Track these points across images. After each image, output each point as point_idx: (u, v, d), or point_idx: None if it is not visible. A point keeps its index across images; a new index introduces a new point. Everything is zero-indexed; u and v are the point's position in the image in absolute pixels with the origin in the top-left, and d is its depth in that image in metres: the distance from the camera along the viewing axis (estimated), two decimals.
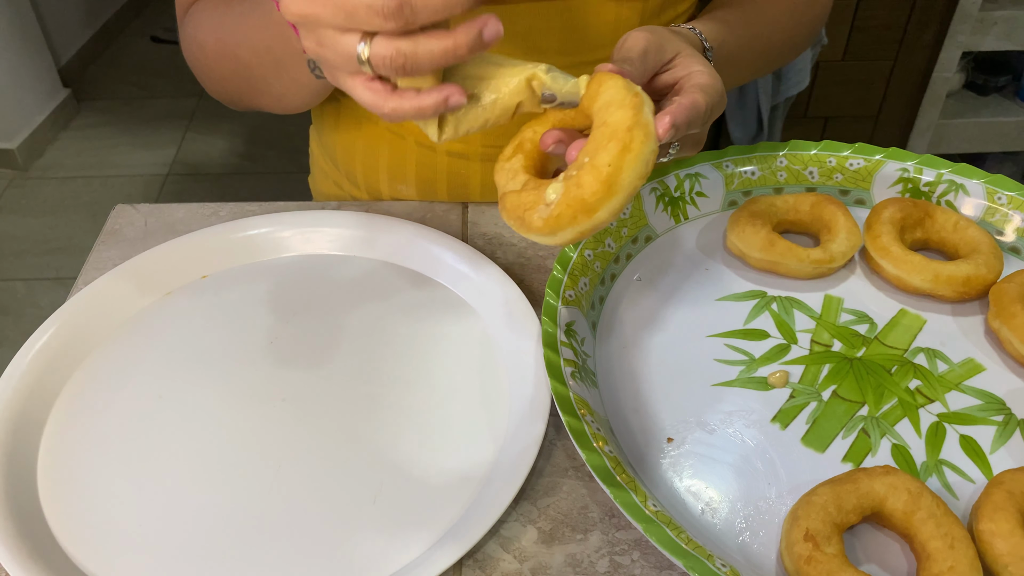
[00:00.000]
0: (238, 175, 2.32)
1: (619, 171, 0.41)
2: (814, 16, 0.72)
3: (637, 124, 0.42)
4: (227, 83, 0.65)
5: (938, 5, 1.60)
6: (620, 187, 0.42)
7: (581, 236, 0.44)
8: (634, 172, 0.42)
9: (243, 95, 0.65)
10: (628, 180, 0.42)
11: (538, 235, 0.44)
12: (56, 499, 0.49)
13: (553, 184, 0.43)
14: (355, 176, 0.76)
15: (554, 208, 0.42)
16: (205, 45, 0.63)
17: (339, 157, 0.76)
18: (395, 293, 0.62)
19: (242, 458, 0.51)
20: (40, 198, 2.21)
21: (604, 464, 0.45)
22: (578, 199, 0.42)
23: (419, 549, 0.46)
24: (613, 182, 0.41)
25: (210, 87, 0.67)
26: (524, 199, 0.44)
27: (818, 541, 0.42)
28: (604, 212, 0.42)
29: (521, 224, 0.44)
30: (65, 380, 0.56)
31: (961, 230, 0.61)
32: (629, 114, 0.42)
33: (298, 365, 0.56)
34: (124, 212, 0.70)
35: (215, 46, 0.62)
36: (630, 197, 0.43)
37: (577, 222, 0.42)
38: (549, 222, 0.43)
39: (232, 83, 0.65)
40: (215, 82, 0.66)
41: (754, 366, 0.55)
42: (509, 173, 0.47)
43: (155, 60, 2.83)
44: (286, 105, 0.64)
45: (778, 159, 0.67)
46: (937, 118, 1.81)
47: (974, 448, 0.50)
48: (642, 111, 0.42)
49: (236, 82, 0.64)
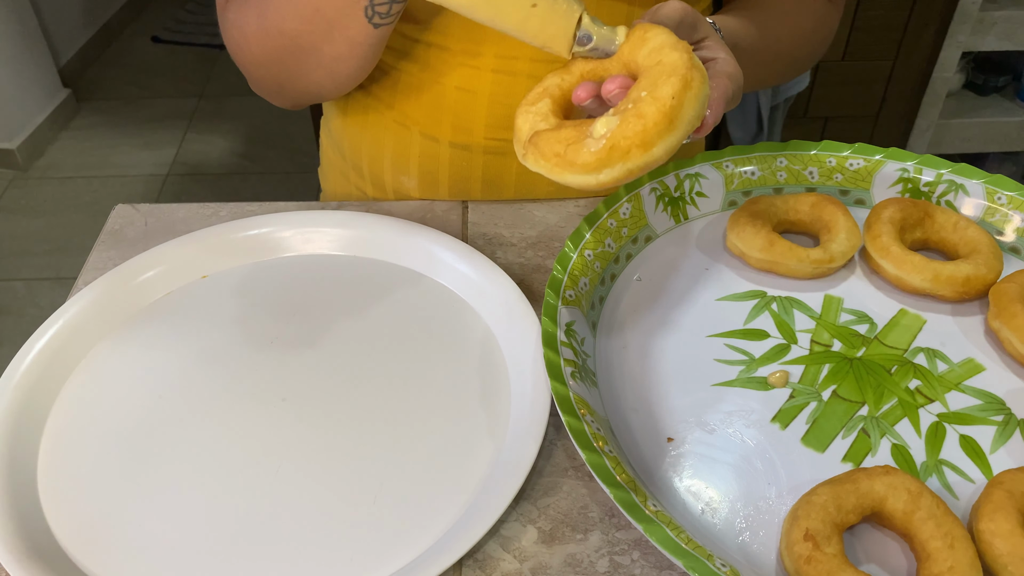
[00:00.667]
0: (238, 175, 2.32)
1: (681, 105, 0.40)
2: (818, 41, 0.73)
3: (695, 66, 0.41)
4: (272, 66, 0.63)
5: (938, 5, 1.60)
6: (680, 122, 0.40)
7: (629, 176, 0.41)
8: (693, 111, 0.40)
9: (291, 76, 0.64)
10: (688, 117, 0.40)
11: (580, 173, 0.42)
12: (56, 499, 0.49)
13: (603, 119, 0.41)
14: (361, 167, 0.76)
15: (609, 139, 0.40)
16: (246, 28, 0.62)
17: (346, 148, 0.77)
18: (395, 293, 0.62)
19: (242, 458, 0.51)
20: (40, 198, 2.21)
21: (604, 464, 0.45)
22: (639, 130, 0.40)
23: (419, 549, 0.46)
24: (675, 116, 0.40)
25: (253, 75, 0.66)
26: (564, 134, 0.42)
27: (818, 541, 0.42)
28: (661, 148, 0.40)
29: (561, 160, 0.42)
30: (65, 380, 0.56)
31: (961, 230, 0.61)
32: (686, 57, 0.41)
33: (298, 365, 0.56)
34: (124, 212, 0.70)
35: (257, 27, 0.61)
36: (684, 137, 0.41)
37: (630, 157, 0.40)
38: (600, 154, 0.41)
39: (277, 66, 0.63)
40: (258, 67, 0.64)
41: (754, 366, 0.55)
42: (537, 116, 0.45)
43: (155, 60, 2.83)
44: (339, 73, 0.62)
45: (778, 159, 0.67)
46: (937, 118, 1.81)
47: (974, 448, 0.50)
48: (695, 57, 0.41)
49: (283, 61, 0.62)
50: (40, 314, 1.81)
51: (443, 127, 0.69)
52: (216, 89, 2.67)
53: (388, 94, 0.70)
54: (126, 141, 2.43)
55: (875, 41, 1.64)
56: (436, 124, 0.69)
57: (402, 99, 0.70)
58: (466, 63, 0.66)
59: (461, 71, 0.66)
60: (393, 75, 0.70)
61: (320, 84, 0.64)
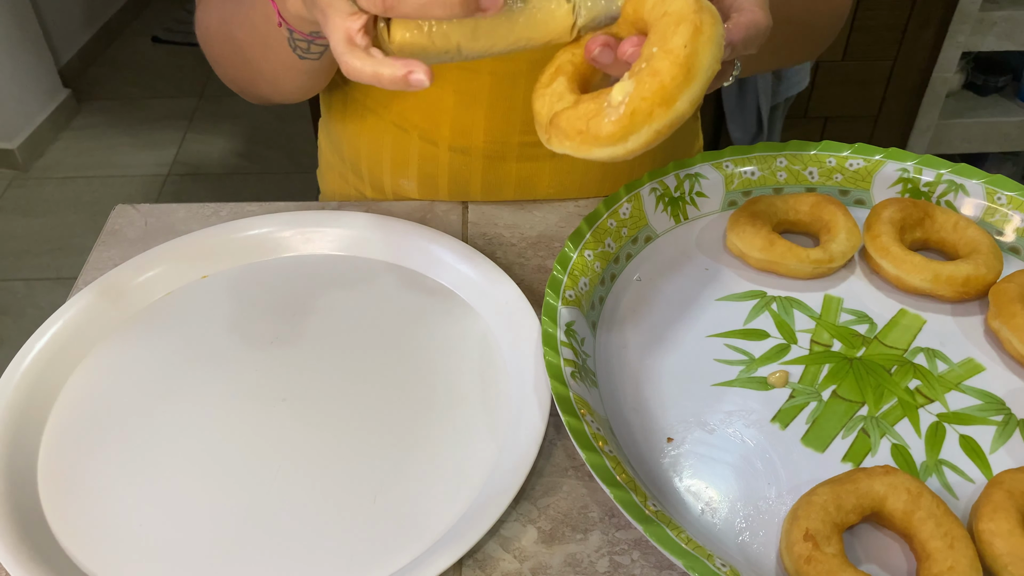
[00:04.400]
0: (238, 175, 2.32)
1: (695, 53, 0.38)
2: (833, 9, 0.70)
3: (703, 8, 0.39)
4: (228, 69, 0.64)
5: (938, 5, 1.60)
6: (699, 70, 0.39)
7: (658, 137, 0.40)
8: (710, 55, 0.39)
9: (243, 81, 0.65)
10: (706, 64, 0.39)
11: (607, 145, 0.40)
12: (56, 499, 0.49)
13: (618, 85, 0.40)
14: (360, 169, 0.76)
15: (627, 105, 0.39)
16: (210, 27, 0.63)
17: (345, 150, 0.77)
18: (395, 293, 0.62)
19: (242, 458, 0.51)
20: (40, 198, 2.21)
21: (604, 464, 0.45)
22: (656, 88, 0.38)
23: (419, 549, 0.46)
24: (692, 64, 0.38)
25: (219, 72, 0.67)
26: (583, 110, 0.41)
27: (818, 541, 0.42)
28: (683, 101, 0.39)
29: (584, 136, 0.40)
30: (65, 380, 0.56)
31: (961, 230, 0.61)
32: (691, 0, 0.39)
33: (298, 365, 0.56)
34: (124, 212, 0.70)
35: (218, 27, 0.62)
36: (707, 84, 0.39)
37: (654, 118, 0.39)
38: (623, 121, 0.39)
39: (232, 70, 0.64)
40: (220, 67, 0.66)
41: (754, 366, 0.55)
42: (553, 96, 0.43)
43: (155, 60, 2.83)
44: (282, 90, 0.63)
45: (778, 159, 0.67)
46: (937, 118, 1.81)
47: (974, 448, 0.50)
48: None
49: (236, 66, 0.63)
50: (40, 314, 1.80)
51: (442, 131, 0.69)
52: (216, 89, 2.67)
53: (386, 97, 0.70)
54: (126, 141, 2.43)
55: (875, 41, 1.64)
56: (435, 128, 0.69)
57: (400, 103, 0.70)
58: (464, 66, 0.66)
59: (459, 74, 0.66)
60: None
61: (268, 96, 0.65)
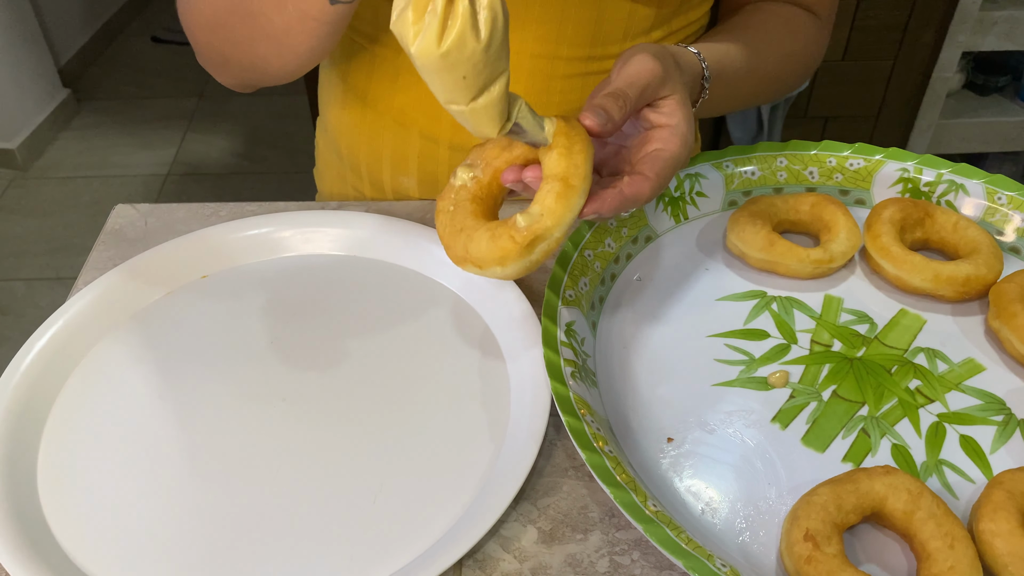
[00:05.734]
0: (238, 175, 2.32)
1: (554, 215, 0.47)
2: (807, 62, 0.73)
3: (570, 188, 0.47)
4: (219, 30, 0.58)
5: (938, 5, 1.60)
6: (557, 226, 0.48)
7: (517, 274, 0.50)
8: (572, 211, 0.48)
9: (236, 44, 0.59)
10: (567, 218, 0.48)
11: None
12: (56, 499, 0.49)
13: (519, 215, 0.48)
14: (359, 167, 0.76)
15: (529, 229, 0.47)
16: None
17: (343, 148, 0.76)
18: (395, 293, 0.62)
19: (242, 458, 0.51)
20: (40, 198, 2.21)
21: (604, 464, 0.45)
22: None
23: (419, 549, 0.46)
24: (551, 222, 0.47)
25: (200, 40, 0.61)
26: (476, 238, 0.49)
27: (818, 541, 0.42)
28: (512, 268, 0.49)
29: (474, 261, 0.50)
30: (65, 380, 0.56)
31: (961, 230, 0.61)
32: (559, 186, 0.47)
33: (298, 365, 0.56)
34: (124, 212, 0.70)
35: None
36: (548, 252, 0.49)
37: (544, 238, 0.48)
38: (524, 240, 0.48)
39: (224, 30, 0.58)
40: (204, 31, 0.60)
41: (754, 366, 0.55)
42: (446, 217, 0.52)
43: (155, 60, 2.83)
44: (286, 49, 0.57)
45: (778, 159, 0.67)
46: (937, 118, 1.81)
47: (974, 448, 0.50)
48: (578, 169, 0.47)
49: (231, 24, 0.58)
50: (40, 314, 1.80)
51: (442, 127, 0.69)
52: (216, 89, 2.66)
53: (387, 93, 0.70)
54: (126, 141, 2.43)
55: (875, 41, 1.64)
56: (435, 124, 0.69)
57: (401, 98, 0.70)
58: None
59: None
60: (392, 73, 0.69)
61: (266, 59, 0.58)
